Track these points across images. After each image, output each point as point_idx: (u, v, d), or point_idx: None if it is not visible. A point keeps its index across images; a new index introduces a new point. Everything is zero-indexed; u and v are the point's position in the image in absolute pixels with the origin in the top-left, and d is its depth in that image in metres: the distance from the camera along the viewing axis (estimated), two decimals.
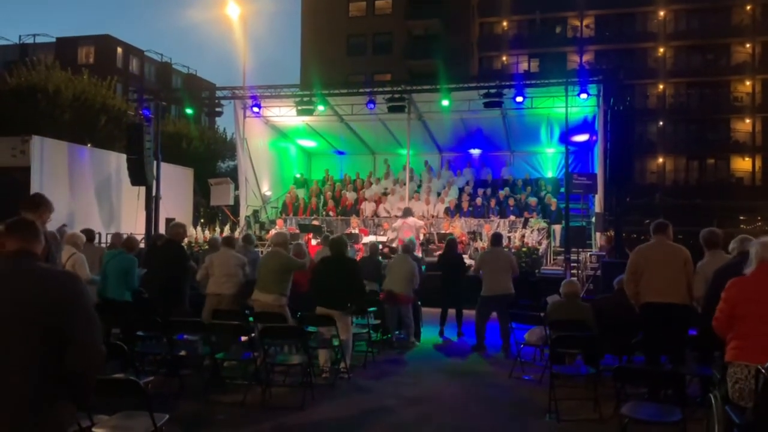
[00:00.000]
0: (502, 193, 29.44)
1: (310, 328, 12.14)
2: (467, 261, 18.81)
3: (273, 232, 21.94)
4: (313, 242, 22.84)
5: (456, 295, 16.53)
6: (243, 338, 11.73)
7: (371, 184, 31.44)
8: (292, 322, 11.88)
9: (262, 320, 11.77)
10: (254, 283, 12.49)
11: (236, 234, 22.47)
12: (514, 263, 14.95)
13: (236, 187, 28.91)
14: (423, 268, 17.23)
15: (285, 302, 12.01)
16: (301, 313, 12.03)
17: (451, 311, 16.84)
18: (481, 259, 15.00)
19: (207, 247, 18.29)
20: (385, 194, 30.59)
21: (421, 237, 23.83)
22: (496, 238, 15.39)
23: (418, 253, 20.41)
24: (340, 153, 34.85)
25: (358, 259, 16.91)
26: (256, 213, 29.53)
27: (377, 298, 14.97)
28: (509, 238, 22.99)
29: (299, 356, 11.46)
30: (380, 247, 19.47)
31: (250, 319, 11.99)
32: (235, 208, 29.13)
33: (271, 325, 11.24)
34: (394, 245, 22.51)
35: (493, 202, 28.98)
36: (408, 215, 23.11)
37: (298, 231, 24.78)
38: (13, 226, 4.98)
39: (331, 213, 29.21)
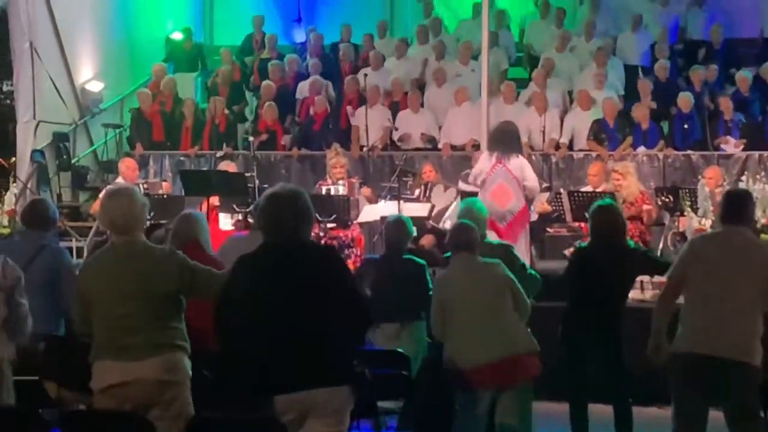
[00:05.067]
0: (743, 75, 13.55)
1: None
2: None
3: (109, 188, 7.80)
4: (224, 220, 11.47)
5: (613, 360, 7.44)
6: None
7: (381, 60, 15.07)
8: None
9: None
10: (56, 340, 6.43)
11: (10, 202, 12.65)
12: None
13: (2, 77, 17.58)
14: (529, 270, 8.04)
15: (184, 373, 5.23)
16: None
17: (600, 409, 7.54)
18: (694, 257, 6.18)
19: None
20: (420, 89, 14.79)
21: (534, 210, 11.28)
22: (736, 204, 6.23)
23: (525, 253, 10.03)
24: None
25: (350, 264, 9.69)
26: (62, 143, 15.03)
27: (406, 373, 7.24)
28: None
29: None
30: (410, 234, 8.38)
31: None
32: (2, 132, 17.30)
33: None
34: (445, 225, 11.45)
35: (727, 107, 13.02)
36: (508, 148, 10.29)
37: (178, 189, 13.12)
38: None
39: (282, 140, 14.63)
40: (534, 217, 11.17)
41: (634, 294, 8.57)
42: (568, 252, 10.40)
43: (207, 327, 5.88)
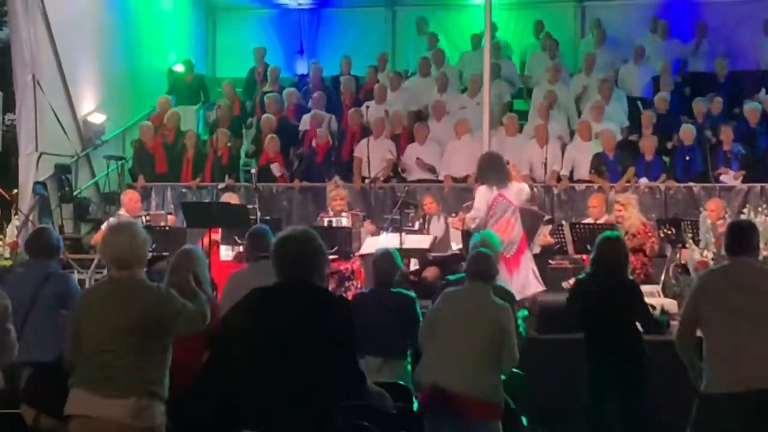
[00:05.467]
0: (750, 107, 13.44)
1: None
2: (656, 301, 9.38)
3: (111, 223, 8.25)
4: (225, 252, 11.36)
5: (631, 398, 7.47)
6: None
7: (384, 92, 15.11)
8: None
9: None
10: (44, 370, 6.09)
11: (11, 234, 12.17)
12: None
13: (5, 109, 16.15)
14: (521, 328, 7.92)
15: (155, 421, 5.18)
16: None
17: None
18: (703, 293, 6.09)
19: None
20: (421, 119, 14.71)
21: (536, 243, 10.95)
22: (740, 236, 6.20)
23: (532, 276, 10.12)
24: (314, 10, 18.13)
25: (350, 296, 9.48)
26: (64, 175, 14.69)
27: (408, 405, 6.91)
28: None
29: None
30: (404, 268, 9.67)
31: None
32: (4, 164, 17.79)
33: None
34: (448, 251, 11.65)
35: (727, 138, 13.10)
36: (503, 177, 10.31)
37: (181, 221, 12.57)
38: None
39: (275, 171, 14.40)
40: (536, 249, 11.08)
41: None
42: (566, 284, 10.26)
43: (187, 364, 5.77)
